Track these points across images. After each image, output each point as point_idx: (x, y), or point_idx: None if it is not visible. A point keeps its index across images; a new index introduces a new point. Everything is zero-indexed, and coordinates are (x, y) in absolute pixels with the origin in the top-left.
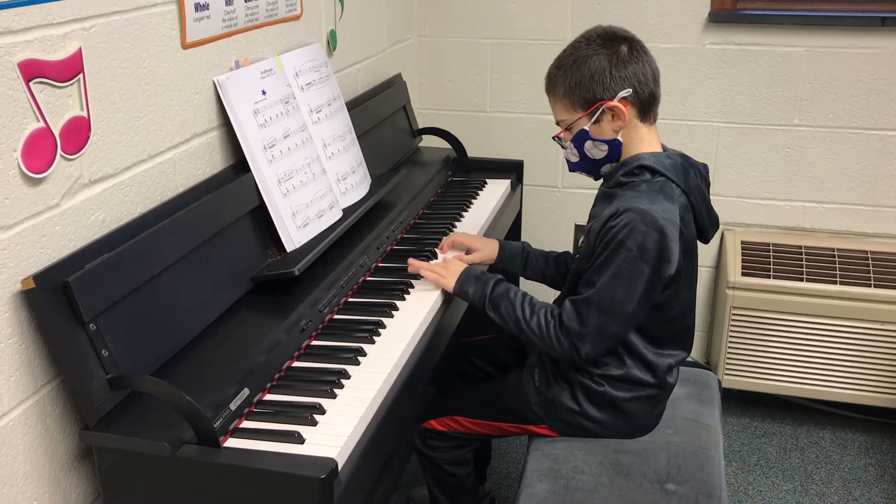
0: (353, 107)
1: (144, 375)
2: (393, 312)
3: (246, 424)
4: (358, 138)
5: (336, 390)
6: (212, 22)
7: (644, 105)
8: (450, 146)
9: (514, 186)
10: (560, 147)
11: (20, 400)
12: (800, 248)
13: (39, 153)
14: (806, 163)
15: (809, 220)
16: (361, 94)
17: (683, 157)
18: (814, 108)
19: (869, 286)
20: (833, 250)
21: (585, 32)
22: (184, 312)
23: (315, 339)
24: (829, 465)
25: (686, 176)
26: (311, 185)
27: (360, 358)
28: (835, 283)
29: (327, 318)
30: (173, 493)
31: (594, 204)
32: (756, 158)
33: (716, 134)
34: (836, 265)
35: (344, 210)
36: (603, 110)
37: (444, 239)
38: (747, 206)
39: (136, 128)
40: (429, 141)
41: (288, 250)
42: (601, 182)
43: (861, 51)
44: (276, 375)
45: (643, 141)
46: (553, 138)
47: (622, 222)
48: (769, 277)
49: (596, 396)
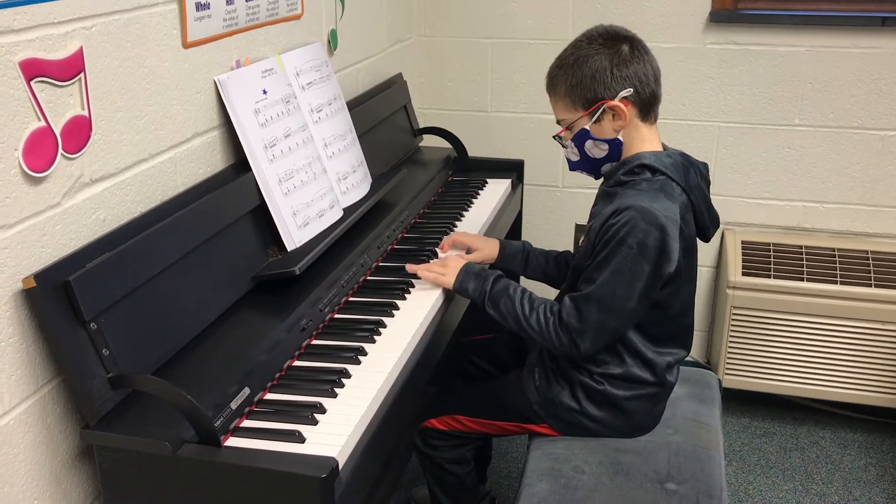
0: (354, 106)
1: (145, 374)
2: (393, 312)
3: (247, 423)
4: (358, 138)
5: (337, 389)
6: (213, 21)
7: (645, 105)
8: (450, 146)
9: (514, 186)
10: (561, 146)
11: (21, 399)
12: (800, 247)
13: (40, 152)
14: (806, 163)
15: (810, 220)
16: (362, 93)
17: (684, 156)
18: (814, 107)
19: (869, 286)
20: (833, 250)
21: (586, 32)
22: (184, 312)
23: (316, 339)
24: (829, 465)
25: (686, 175)
26: (311, 184)
27: (360, 357)
28: (835, 282)
29: (328, 318)
30: (174, 492)
31: (595, 203)
32: (757, 158)
33: (716, 134)
34: (837, 265)
35: (344, 209)
36: (604, 110)
37: (445, 238)
38: (748, 205)
39: (136, 127)
40: (429, 140)
41: (288, 249)
42: (601, 181)
43: (862, 51)
44: (277, 375)
45: (644, 140)
46: (554, 137)
47: (623, 220)
48: (770, 277)
49: (596, 395)
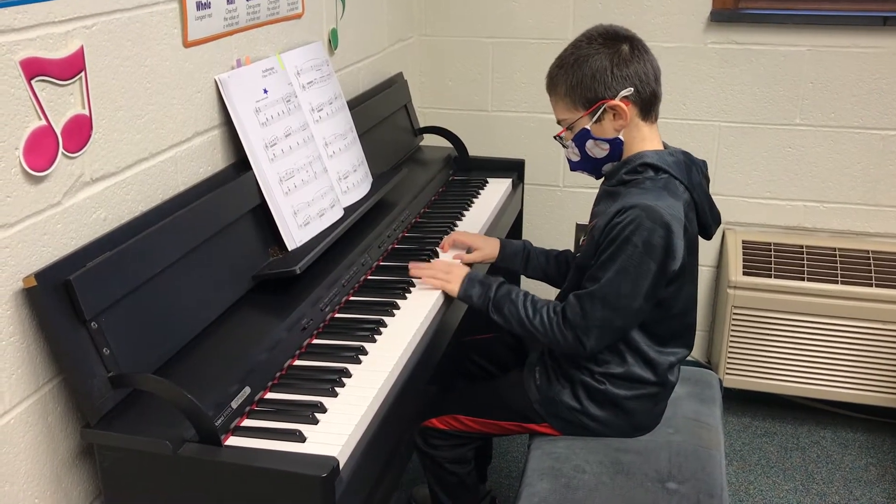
0: (355, 106)
1: (146, 374)
2: (394, 311)
3: (247, 423)
4: (359, 137)
5: (337, 389)
6: (213, 20)
7: (645, 104)
8: (451, 145)
9: (515, 185)
10: (561, 146)
11: (21, 398)
12: (801, 247)
13: (41, 151)
14: (807, 162)
15: (811, 220)
16: (363, 92)
17: (686, 154)
18: (815, 107)
19: (870, 286)
20: (834, 250)
21: (587, 31)
22: (185, 311)
23: (316, 338)
24: (830, 465)
25: (689, 173)
26: (312, 183)
27: (361, 357)
28: (836, 282)
29: (328, 317)
30: (174, 491)
31: (596, 202)
32: (757, 158)
33: (717, 133)
34: (838, 265)
35: (345, 209)
36: (604, 109)
37: (445, 238)
38: (748, 205)
39: (137, 126)
40: (430, 140)
41: (289, 249)
42: (602, 181)
43: (863, 50)
44: (278, 374)
45: (645, 140)
46: (554, 137)
47: (628, 218)
48: (770, 277)
49: (597, 394)
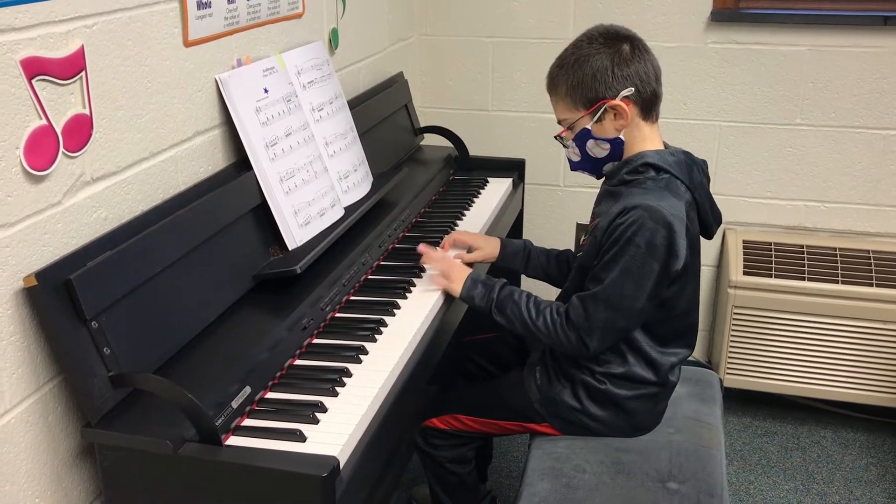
0: (355, 105)
1: (146, 373)
2: (395, 311)
3: (247, 422)
4: (360, 137)
5: (338, 388)
6: (214, 20)
7: (646, 104)
8: (451, 145)
9: (515, 185)
10: (562, 146)
11: (22, 397)
12: (801, 247)
13: (42, 151)
14: (808, 162)
15: (811, 220)
16: (363, 92)
17: (686, 154)
18: (816, 107)
19: (871, 286)
20: (835, 250)
21: (587, 31)
22: (185, 310)
23: (317, 338)
24: (830, 465)
25: (690, 172)
26: (312, 183)
27: (361, 356)
28: (837, 282)
29: (329, 317)
30: (175, 490)
31: (597, 202)
32: (758, 157)
33: (718, 133)
34: (838, 264)
35: (346, 208)
36: (605, 109)
37: (446, 237)
38: (749, 205)
39: (138, 125)
40: (430, 139)
41: (290, 248)
42: (603, 181)
43: (863, 50)
44: (278, 373)
45: (645, 139)
46: (555, 137)
47: (631, 219)
48: (771, 277)
49: (597, 394)
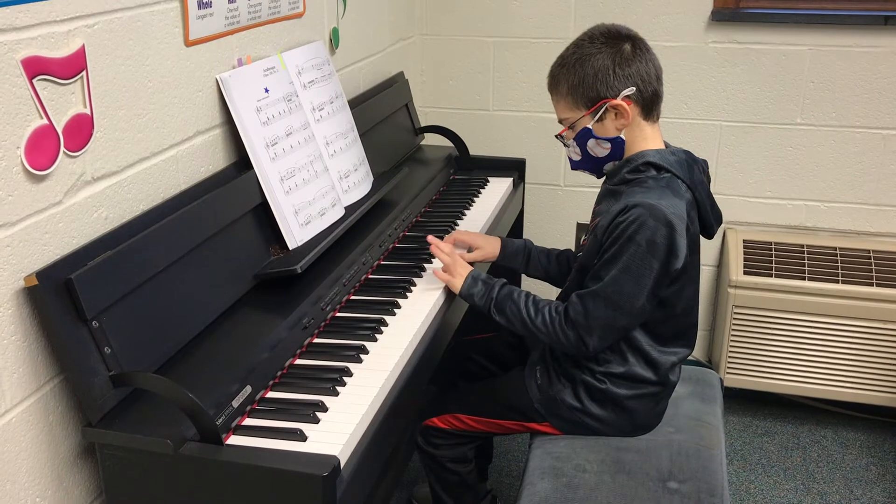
0: (356, 105)
1: (147, 373)
2: (395, 310)
3: (248, 422)
4: (360, 136)
5: (338, 388)
6: (214, 20)
7: (647, 103)
8: (452, 144)
9: (516, 185)
10: (562, 145)
11: (23, 397)
12: (802, 246)
13: (42, 150)
14: (808, 161)
15: (812, 219)
16: (363, 92)
17: (687, 153)
18: (816, 106)
19: (871, 285)
20: (835, 249)
21: (588, 31)
22: (186, 310)
23: (317, 337)
24: (830, 464)
25: (691, 172)
26: (313, 182)
27: (362, 356)
28: (837, 282)
29: (329, 316)
30: (175, 490)
31: (598, 201)
32: (758, 157)
33: (718, 132)
34: (839, 264)
35: (346, 208)
36: (606, 108)
37: (446, 237)
38: (750, 204)
39: (138, 125)
40: (431, 139)
41: (290, 248)
42: (604, 180)
43: (864, 49)
44: (279, 373)
45: (646, 139)
46: (556, 136)
47: (631, 217)
48: (771, 276)
49: (598, 394)
